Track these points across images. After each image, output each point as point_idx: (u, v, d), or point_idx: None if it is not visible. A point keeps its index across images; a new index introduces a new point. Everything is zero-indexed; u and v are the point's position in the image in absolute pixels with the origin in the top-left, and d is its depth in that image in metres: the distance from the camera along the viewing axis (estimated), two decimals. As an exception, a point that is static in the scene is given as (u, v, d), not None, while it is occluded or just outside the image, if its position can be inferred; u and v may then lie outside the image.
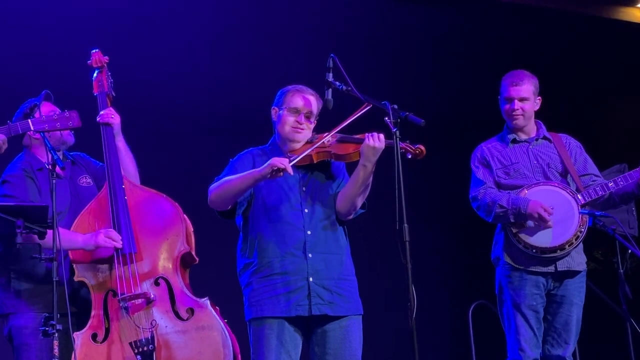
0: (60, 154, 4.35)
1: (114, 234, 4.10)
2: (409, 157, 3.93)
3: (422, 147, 3.96)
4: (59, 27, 5.99)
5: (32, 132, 4.08)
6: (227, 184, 4.00)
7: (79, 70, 4.58)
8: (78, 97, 4.54)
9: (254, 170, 3.97)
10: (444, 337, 7.20)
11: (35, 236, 3.80)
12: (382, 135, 3.94)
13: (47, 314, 3.79)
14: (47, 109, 4.29)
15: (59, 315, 3.78)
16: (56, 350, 3.72)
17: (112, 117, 4.37)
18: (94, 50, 4.51)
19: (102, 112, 4.38)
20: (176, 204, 4.27)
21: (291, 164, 3.90)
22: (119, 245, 4.09)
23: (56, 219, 3.79)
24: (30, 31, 5.94)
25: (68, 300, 3.84)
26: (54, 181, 3.85)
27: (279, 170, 3.86)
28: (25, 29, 5.93)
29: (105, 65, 4.48)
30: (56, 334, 3.73)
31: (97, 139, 4.37)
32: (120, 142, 4.37)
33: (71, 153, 4.48)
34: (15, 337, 4.15)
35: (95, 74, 4.48)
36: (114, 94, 4.48)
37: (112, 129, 4.35)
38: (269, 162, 3.90)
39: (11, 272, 4.19)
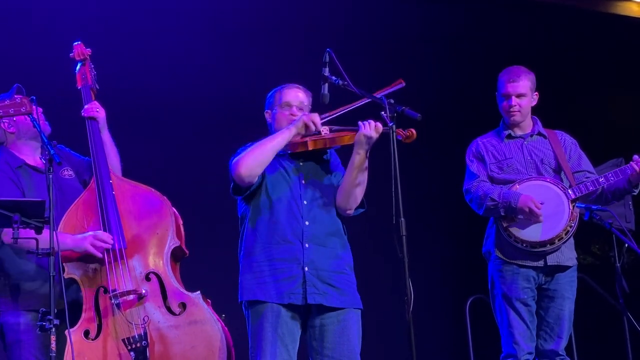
0: (38, 149, 4.31)
1: (103, 235, 4.06)
2: (400, 139, 3.93)
3: (413, 130, 3.96)
4: (40, 18, 5.93)
5: None
6: (263, 146, 4.02)
7: (62, 63, 4.53)
8: (62, 91, 4.52)
9: (287, 127, 4.06)
10: (442, 331, 7.20)
11: (32, 231, 3.79)
12: (379, 125, 3.96)
13: (44, 309, 3.77)
14: None
15: (55, 310, 3.75)
16: (53, 345, 3.70)
17: (97, 111, 4.32)
18: (75, 43, 4.46)
19: (86, 106, 4.34)
20: (165, 197, 4.25)
21: (323, 121, 4.01)
22: (109, 245, 4.04)
23: (53, 214, 3.78)
24: (12, 23, 5.89)
25: (65, 296, 3.83)
26: (50, 177, 3.82)
27: (309, 124, 4.01)
28: (6, 21, 5.89)
29: (88, 57, 4.43)
30: (53, 329, 3.72)
31: (82, 133, 4.33)
32: (106, 136, 4.33)
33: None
34: (8, 333, 4.12)
35: (78, 67, 4.43)
36: (97, 86, 4.43)
37: (98, 123, 4.31)
38: (300, 117, 4.04)
39: (2, 270, 4.16)
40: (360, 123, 4.00)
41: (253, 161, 4.01)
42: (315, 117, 4.03)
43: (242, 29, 6.64)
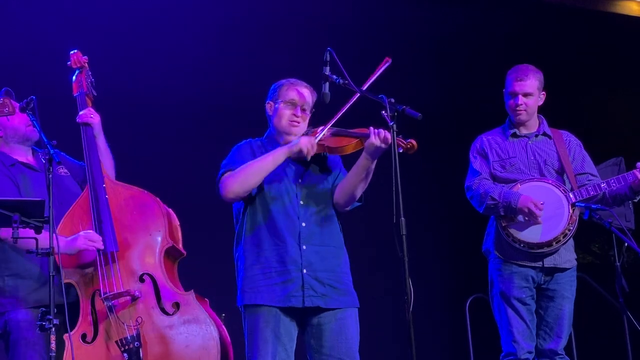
0: (29, 150, 4.35)
1: (92, 235, 4.09)
2: (400, 151, 3.92)
3: (414, 142, 3.95)
4: (40, 26, 5.95)
5: None
6: (254, 167, 4.00)
7: (60, 70, 4.56)
8: (61, 99, 4.54)
9: (281, 147, 4.02)
10: (441, 330, 7.21)
11: (32, 231, 3.79)
12: (387, 136, 3.91)
13: (44, 309, 3.77)
14: None
15: (55, 310, 3.76)
16: (53, 345, 3.71)
17: (91, 117, 4.35)
18: (72, 51, 4.50)
19: (81, 113, 4.38)
20: (157, 198, 4.26)
21: (317, 140, 3.99)
22: (100, 246, 4.07)
23: (52, 214, 3.78)
24: (9, 31, 5.89)
25: (65, 300, 3.84)
26: (50, 176, 3.83)
27: (302, 152, 3.97)
28: (3, 28, 5.89)
29: (86, 64, 4.47)
30: (53, 329, 3.72)
31: (79, 140, 4.35)
32: (101, 141, 4.36)
33: (41, 149, 4.43)
34: (12, 330, 4.12)
35: (75, 75, 4.46)
36: (95, 93, 4.46)
37: (92, 129, 4.35)
38: (297, 141, 3.97)
39: (5, 271, 4.17)
40: (371, 131, 3.96)
41: (240, 186, 4.00)
42: (312, 144, 3.97)
43: (240, 28, 6.64)
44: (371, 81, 4.04)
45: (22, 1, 5.99)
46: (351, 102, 4.05)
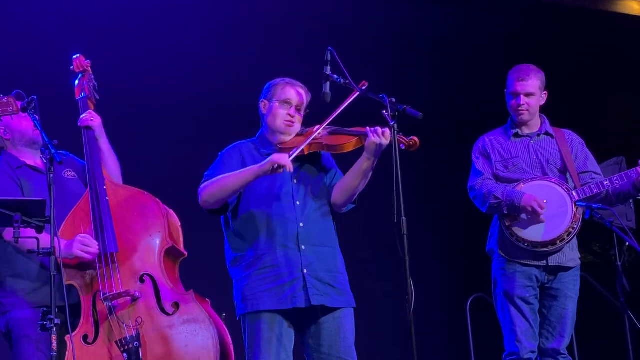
0: (37, 153, 4.35)
1: (88, 240, 4.08)
2: (403, 148, 3.92)
3: (416, 139, 3.95)
4: (40, 26, 5.95)
5: None
6: (222, 183, 3.98)
7: (63, 71, 4.56)
8: (63, 99, 4.55)
9: (252, 167, 3.97)
10: (442, 330, 7.21)
11: (33, 231, 3.79)
12: (387, 132, 3.90)
13: (45, 309, 3.77)
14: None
15: (56, 309, 3.76)
16: (54, 345, 3.71)
17: (92, 120, 4.36)
18: (75, 56, 4.51)
19: (82, 116, 4.39)
20: (157, 200, 4.27)
21: (290, 158, 3.91)
22: (95, 251, 4.07)
23: (54, 214, 3.78)
24: (11, 31, 5.90)
25: (67, 301, 3.84)
26: (51, 176, 3.83)
27: (279, 167, 3.87)
28: (10, 33, 5.89)
29: (89, 68, 4.48)
30: (54, 329, 3.72)
31: (82, 140, 4.36)
32: (104, 144, 4.37)
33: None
34: (14, 329, 4.14)
35: (77, 79, 4.47)
36: (97, 96, 4.46)
37: (94, 131, 4.35)
38: (269, 159, 3.90)
39: (6, 271, 4.18)
40: (369, 130, 3.94)
41: (211, 197, 4.00)
42: (285, 160, 3.89)
43: (240, 28, 6.64)
44: (336, 114, 4.01)
45: (22, 1, 5.99)
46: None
